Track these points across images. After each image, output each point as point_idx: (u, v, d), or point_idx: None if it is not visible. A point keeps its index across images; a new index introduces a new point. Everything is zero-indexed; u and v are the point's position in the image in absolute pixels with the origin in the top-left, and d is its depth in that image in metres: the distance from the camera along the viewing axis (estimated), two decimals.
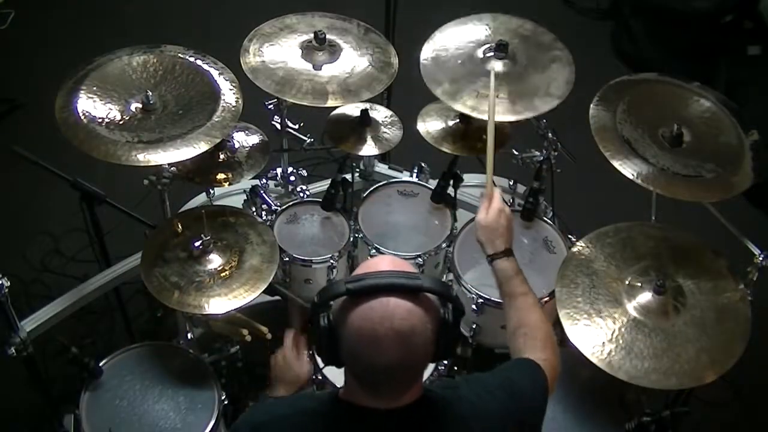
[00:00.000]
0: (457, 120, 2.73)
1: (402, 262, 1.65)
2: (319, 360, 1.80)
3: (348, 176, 2.79)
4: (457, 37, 2.63)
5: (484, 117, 2.48)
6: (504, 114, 2.47)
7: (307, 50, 2.64)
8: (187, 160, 2.40)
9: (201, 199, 3.06)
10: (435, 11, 4.30)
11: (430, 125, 2.74)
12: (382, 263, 1.62)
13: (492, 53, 2.57)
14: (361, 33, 2.73)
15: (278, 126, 2.87)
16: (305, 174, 3.09)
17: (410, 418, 1.61)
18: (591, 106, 2.45)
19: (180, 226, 2.51)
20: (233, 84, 2.52)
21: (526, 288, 2.02)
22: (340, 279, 1.62)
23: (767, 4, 4.38)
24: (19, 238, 3.67)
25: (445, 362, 2.58)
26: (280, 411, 1.70)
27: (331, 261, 2.65)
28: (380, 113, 2.80)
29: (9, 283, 2.31)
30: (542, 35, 2.67)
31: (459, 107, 2.51)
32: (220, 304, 2.35)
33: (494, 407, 1.68)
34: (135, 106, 2.44)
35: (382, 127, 2.76)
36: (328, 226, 2.83)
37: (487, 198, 2.10)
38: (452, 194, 2.79)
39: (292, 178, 3.01)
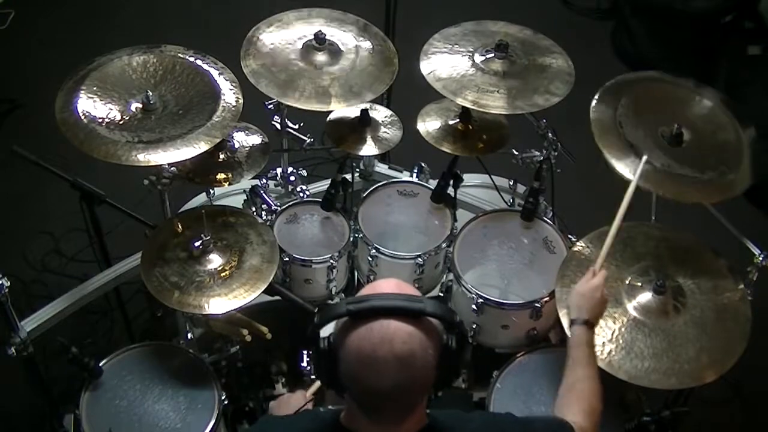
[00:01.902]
0: (457, 120, 2.73)
1: (408, 286, 1.62)
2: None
3: (348, 176, 2.79)
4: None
5: (484, 110, 2.50)
6: (504, 109, 2.50)
7: (307, 51, 2.64)
8: (187, 160, 2.40)
9: (201, 199, 3.06)
10: (435, 11, 4.31)
11: (430, 125, 2.74)
12: (386, 286, 1.59)
13: (492, 54, 2.58)
14: (360, 27, 2.73)
15: (278, 126, 2.87)
16: (305, 174, 3.08)
17: None
18: (591, 105, 2.45)
19: (180, 226, 2.51)
20: (233, 84, 2.52)
21: (592, 361, 1.94)
22: (342, 300, 1.58)
23: (767, 4, 4.38)
24: (19, 238, 3.67)
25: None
26: (280, 431, 1.68)
27: (331, 261, 2.65)
28: (380, 113, 2.80)
29: (9, 283, 2.32)
30: (541, 40, 2.69)
31: (460, 101, 2.52)
32: (220, 304, 2.35)
33: None
34: (135, 106, 2.44)
35: (382, 127, 2.76)
36: (328, 226, 2.83)
37: (592, 272, 2.11)
38: (452, 194, 2.79)
39: (292, 178, 3.01)
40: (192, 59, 2.57)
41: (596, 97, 2.46)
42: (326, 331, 1.57)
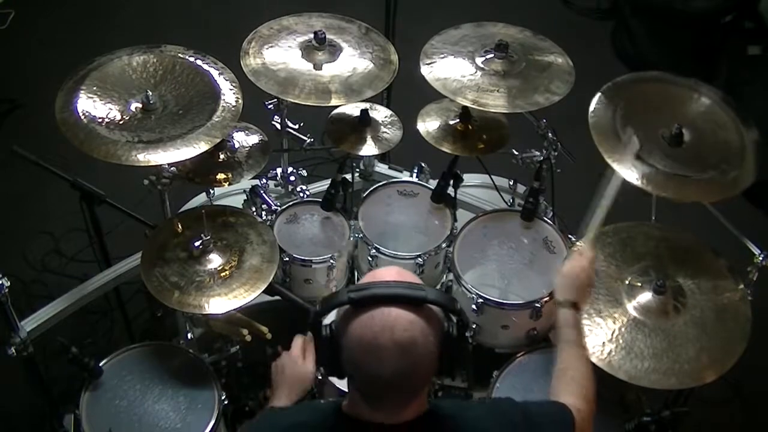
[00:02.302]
0: (457, 120, 2.73)
1: (409, 273, 1.63)
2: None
3: (348, 176, 2.79)
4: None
5: (484, 109, 2.51)
6: (504, 108, 2.50)
7: (307, 50, 2.64)
8: (187, 160, 2.40)
9: (201, 199, 3.06)
10: (435, 12, 4.31)
11: (430, 125, 2.74)
12: (388, 274, 1.60)
13: (492, 54, 2.58)
14: (361, 32, 2.73)
15: (278, 126, 2.87)
16: (305, 174, 3.08)
17: None
18: (591, 106, 2.45)
19: (180, 226, 2.51)
20: (233, 84, 2.52)
21: (581, 342, 1.96)
22: (343, 288, 1.60)
23: (767, 4, 4.38)
24: (19, 238, 3.67)
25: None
26: (282, 423, 1.68)
27: (331, 261, 2.65)
28: (380, 113, 2.80)
29: (9, 283, 2.32)
30: (540, 41, 2.69)
31: (460, 101, 2.53)
32: (220, 304, 2.35)
33: None
34: (135, 106, 2.44)
35: (382, 127, 2.76)
36: (328, 226, 2.83)
37: (579, 253, 2.08)
38: (452, 194, 2.79)
39: (292, 178, 3.01)
40: (192, 59, 2.57)
41: (594, 101, 2.45)
42: (328, 319, 1.59)
